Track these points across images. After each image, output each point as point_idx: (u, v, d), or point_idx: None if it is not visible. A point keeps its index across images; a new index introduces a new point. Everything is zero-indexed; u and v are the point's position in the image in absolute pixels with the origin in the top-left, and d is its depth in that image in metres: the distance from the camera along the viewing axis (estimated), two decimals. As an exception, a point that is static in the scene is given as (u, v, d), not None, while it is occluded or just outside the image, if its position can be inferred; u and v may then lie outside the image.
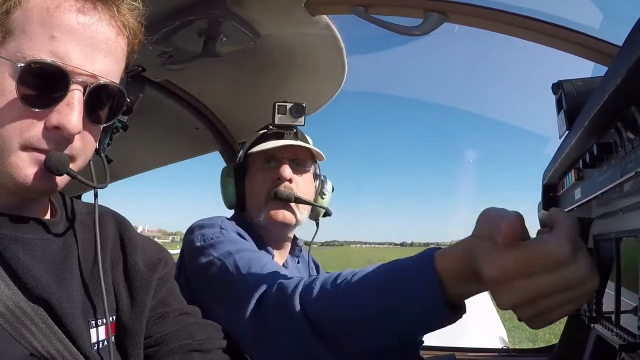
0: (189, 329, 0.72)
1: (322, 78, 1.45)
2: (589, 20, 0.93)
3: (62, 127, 0.53)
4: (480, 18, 0.97)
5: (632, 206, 0.81)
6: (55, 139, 0.54)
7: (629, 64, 0.49)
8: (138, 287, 0.68)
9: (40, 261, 0.57)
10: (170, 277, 0.76)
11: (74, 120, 0.53)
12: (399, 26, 1.03)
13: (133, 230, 0.73)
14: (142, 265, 0.69)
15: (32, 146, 0.53)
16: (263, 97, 1.53)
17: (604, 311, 1.03)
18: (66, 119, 0.52)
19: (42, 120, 0.53)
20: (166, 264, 0.74)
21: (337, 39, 1.21)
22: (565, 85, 0.85)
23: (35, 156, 0.53)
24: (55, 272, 0.59)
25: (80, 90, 0.54)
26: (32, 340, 0.53)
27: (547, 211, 0.81)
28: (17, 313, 0.53)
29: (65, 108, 0.53)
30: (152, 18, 1.10)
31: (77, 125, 0.53)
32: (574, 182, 0.86)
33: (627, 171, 0.60)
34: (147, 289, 0.68)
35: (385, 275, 0.69)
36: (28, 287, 0.55)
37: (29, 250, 0.57)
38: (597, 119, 0.65)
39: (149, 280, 0.69)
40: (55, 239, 0.61)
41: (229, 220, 1.10)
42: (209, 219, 1.09)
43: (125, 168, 2.08)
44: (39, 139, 0.53)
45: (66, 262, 0.61)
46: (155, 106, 1.48)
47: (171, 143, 1.86)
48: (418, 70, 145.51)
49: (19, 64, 0.50)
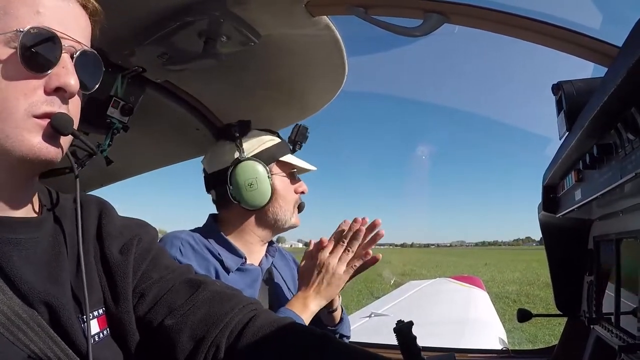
0: (169, 297, 0.71)
1: (322, 78, 1.45)
2: (589, 21, 0.93)
3: (64, 86, 0.56)
4: (480, 19, 0.97)
5: (632, 207, 0.82)
6: (57, 101, 0.57)
7: (629, 64, 0.49)
8: (116, 275, 0.67)
9: (32, 262, 0.57)
10: (150, 249, 0.75)
11: (73, 80, 0.57)
12: (398, 27, 1.03)
13: (112, 217, 0.73)
14: (117, 252, 0.69)
15: (37, 114, 0.55)
16: (263, 98, 1.54)
17: (603, 312, 1.03)
18: (66, 78, 0.56)
19: (42, 85, 0.56)
20: (140, 239, 0.73)
21: (337, 39, 1.21)
22: (565, 86, 0.85)
23: (41, 123, 0.55)
24: (49, 270, 0.59)
25: (68, 55, 0.58)
26: (28, 344, 0.54)
27: (547, 212, 0.82)
28: (13, 318, 0.53)
29: (62, 70, 0.56)
30: (152, 19, 1.11)
31: (76, 84, 0.57)
32: (574, 184, 0.86)
33: (627, 172, 0.60)
34: (124, 275, 0.68)
35: None
36: (22, 291, 0.55)
37: (22, 252, 0.57)
38: (597, 120, 0.65)
39: (124, 266, 0.68)
40: (45, 236, 0.61)
41: (195, 234, 1.22)
42: (174, 235, 1.19)
43: (126, 169, 2.08)
44: (43, 103, 0.55)
45: (57, 260, 0.61)
46: (155, 107, 1.48)
47: (172, 144, 1.86)
48: (418, 70, 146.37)
49: (20, 30, 0.53)
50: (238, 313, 0.71)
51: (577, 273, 1.22)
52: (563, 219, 1.05)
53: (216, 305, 0.72)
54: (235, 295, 0.77)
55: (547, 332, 7.44)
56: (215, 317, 0.70)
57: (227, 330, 0.69)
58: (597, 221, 1.09)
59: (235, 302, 0.74)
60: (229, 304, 0.72)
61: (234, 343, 0.68)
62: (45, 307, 0.57)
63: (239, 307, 0.72)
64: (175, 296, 0.71)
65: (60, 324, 0.57)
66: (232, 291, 0.78)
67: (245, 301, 0.75)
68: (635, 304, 0.81)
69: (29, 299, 0.56)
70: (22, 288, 0.55)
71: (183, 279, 0.74)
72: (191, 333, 0.68)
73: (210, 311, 0.70)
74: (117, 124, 1.30)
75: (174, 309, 0.70)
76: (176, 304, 0.70)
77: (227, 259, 1.22)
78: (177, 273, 0.75)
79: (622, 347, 0.78)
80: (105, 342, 0.63)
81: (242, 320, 0.71)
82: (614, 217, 0.95)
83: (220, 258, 1.21)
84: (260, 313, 0.73)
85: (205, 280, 0.76)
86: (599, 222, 1.08)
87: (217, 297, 0.73)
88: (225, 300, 0.73)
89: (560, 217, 1.03)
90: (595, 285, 1.08)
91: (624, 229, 0.89)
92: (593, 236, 1.11)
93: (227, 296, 0.75)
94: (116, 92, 1.27)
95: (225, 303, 0.72)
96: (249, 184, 1.25)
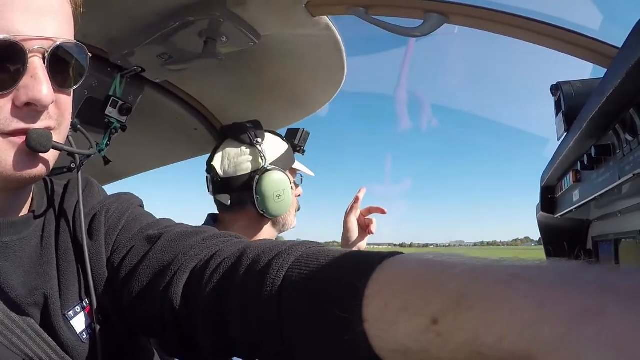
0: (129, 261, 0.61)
1: (322, 78, 1.45)
2: (589, 21, 0.94)
3: (35, 101, 0.49)
4: (480, 19, 0.97)
5: (630, 208, 0.82)
6: (30, 116, 0.50)
7: (628, 66, 0.49)
8: (93, 263, 0.61)
9: (20, 264, 0.56)
10: (119, 221, 0.64)
11: (44, 91, 0.49)
12: (399, 27, 1.03)
13: (92, 195, 0.67)
14: (89, 239, 0.62)
15: (6, 130, 0.48)
16: (263, 98, 1.54)
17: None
18: (35, 91, 0.48)
19: (10, 100, 0.48)
20: (107, 211, 0.64)
21: (337, 39, 1.21)
22: (564, 87, 0.86)
23: (14, 140, 0.49)
24: (36, 269, 0.57)
25: (39, 57, 0.49)
26: (23, 348, 0.53)
27: (545, 213, 0.81)
28: (6, 323, 0.53)
29: (31, 81, 0.48)
30: (152, 18, 1.11)
31: (49, 94, 0.49)
32: (572, 184, 0.87)
33: (625, 173, 0.60)
34: (99, 261, 0.61)
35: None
36: (13, 296, 0.54)
37: (9, 255, 0.55)
38: (595, 121, 0.65)
39: (98, 251, 0.61)
40: (34, 232, 0.59)
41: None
42: None
43: (124, 168, 2.07)
44: (13, 120, 0.49)
45: (44, 256, 0.58)
46: (154, 107, 1.48)
47: (170, 143, 1.86)
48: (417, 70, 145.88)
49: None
50: (199, 252, 0.58)
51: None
52: (561, 220, 1.05)
53: (172, 250, 0.59)
54: (200, 231, 0.63)
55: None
56: (168, 263, 0.57)
57: (184, 273, 0.56)
58: (595, 221, 1.09)
59: (195, 239, 0.60)
60: (187, 243, 0.59)
61: (195, 287, 0.54)
62: (36, 308, 0.56)
63: (200, 245, 0.59)
64: (134, 257, 0.60)
65: (51, 324, 0.56)
66: (197, 229, 0.64)
67: (209, 233, 0.62)
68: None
69: (20, 303, 0.55)
70: (13, 293, 0.54)
71: (144, 235, 0.62)
72: (149, 291, 0.57)
73: (164, 258, 0.58)
74: (115, 123, 1.30)
75: (134, 271, 0.59)
76: (134, 265, 0.59)
77: None
78: (144, 233, 0.63)
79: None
80: (95, 335, 0.60)
81: (203, 258, 0.56)
82: (612, 218, 0.95)
83: None
84: (227, 245, 0.58)
85: (166, 229, 0.63)
86: (597, 223, 1.08)
87: (174, 241, 0.60)
88: (184, 240, 0.60)
89: (559, 217, 1.03)
90: (593, 286, 1.08)
91: (623, 229, 0.89)
92: (592, 236, 1.11)
93: (187, 234, 0.61)
94: (115, 91, 1.28)
95: (183, 242, 0.59)
96: (277, 195, 1.25)
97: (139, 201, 0.72)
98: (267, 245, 0.53)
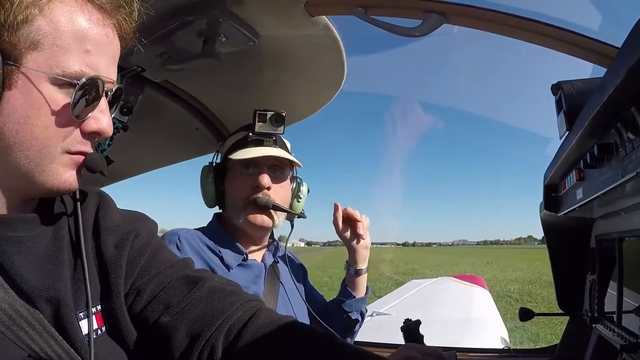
0: (166, 294, 0.70)
1: (322, 78, 1.45)
2: (588, 21, 0.93)
3: (101, 132, 0.60)
4: (479, 19, 0.97)
5: (633, 206, 0.81)
6: (91, 142, 0.60)
7: (629, 65, 0.49)
8: (109, 270, 0.66)
9: (33, 259, 0.57)
10: (148, 244, 0.73)
11: (107, 123, 0.60)
12: (398, 27, 1.03)
13: (109, 209, 0.72)
14: (112, 246, 0.68)
15: (71, 151, 0.58)
16: (262, 97, 1.54)
17: (605, 311, 1.03)
18: (103, 124, 0.59)
19: (79, 126, 0.58)
20: (138, 234, 0.71)
21: (336, 39, 1.21)
22: (565, 86, 0.85)
23: (75, 159, 0.58)
24: (49, 267, 0.59)
25: (105, 97, 0.60)
26: (29, 343, 0.54)
27: (548, 212, 0.81)
28: (14, 317, 0.53)
29: (100, 114, 0.59)
30: (151, 18, 1.10)
31: (110, 127, 0.61)
32: (575, 183, 0.86)
33: (628, 171, 0.59)
34: (117, 270, 0.67)
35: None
36: (23, 290, 0.55)
37: (22, 249, 0.57)
38: (597, 119, 0.65)
39: (118, 260, 0.67)
40: (46, 232, 0.61)
41: (194, 231, 1.22)
42: (172, 232, 1.19)
43: (126, 168, 2.08)
44: (79, 143, 0.58)
45: (58, 256, 0.61)
46: (154, 106, 1.49)
47: (171, 143, 1.86)
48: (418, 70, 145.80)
49: (76, 82, 0.54)
50: (237, 310, 0.69)
51: (579, 272, 1.21)
52: (565, 218, 1.05)
53: (214, 302, 0.70)
54: (235, 292, 0.74)
55: (549, 331, 7.43)
56: (212, 314, 0.68)
57: (224, 328, 0.67)
58: (598, 220, 1.09)
59: (234, 299, 0.71)
60: (228, 301, 0.71)
61: (232, 342, 0.66)
62: (46, 304, 0.57)
63: (238, 304, 0.70)
64: (172, 293, 0.69)
65: (61, 321, 0.57)
66: (232, 287, 0.75)
67: (245, 298, 0.73)
68: (638, 303, 0.81)
69: (30, 297, 0.56)
70: (24, 286, 0.55)
71: (181, 274, 0.72)
72: (187, 331, 0.66)
73: (207, 308, 0.68)
74: (116, 123, 1.30)
75: (170, 306, 0.68)
76: (173, 301, 0.69)
77: (227, 255, 1.21)
78: (175, 268, 0.73)
79: (624, 346, 0.78)
80: (102, 339, 0.63)
81: (241, 318, 0.69)
82: (615, 216, 0.95)
83: (220, 255, 1.21)
84: (262, 311, 0.71)
85: (204, 276, 0.74)
86: (600, 221, 1.08)
87: (215, 293, 0.71)
88: (224, 297, 0.71)
89: (562, 216, 1.03)
90: (597, 284, 1.08)
91: (626, 227, 0.88)
92: (595, 235, 1.11)
93: (226, 293, 0.72)
94: (116, 92, 1.28)
95: (224, 300, 0.71)
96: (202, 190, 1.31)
97: (157, 226, 0.81)
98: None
